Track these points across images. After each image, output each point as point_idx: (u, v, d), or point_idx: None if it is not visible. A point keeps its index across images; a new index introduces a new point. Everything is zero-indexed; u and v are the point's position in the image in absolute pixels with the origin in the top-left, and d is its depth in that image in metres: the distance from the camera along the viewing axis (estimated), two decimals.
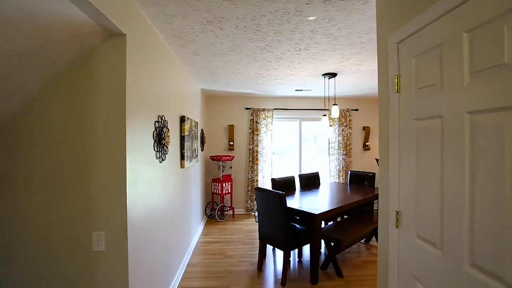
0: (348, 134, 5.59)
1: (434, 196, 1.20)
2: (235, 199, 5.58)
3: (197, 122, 4.11)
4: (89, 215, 1.59)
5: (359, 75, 3.76)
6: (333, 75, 3.66)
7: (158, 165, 2.27)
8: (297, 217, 3.52)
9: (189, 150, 3.46)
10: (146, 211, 1.96)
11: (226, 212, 5.29)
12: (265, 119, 5.55)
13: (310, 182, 4.38)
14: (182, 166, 3.13)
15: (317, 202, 3.28)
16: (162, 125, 2.32)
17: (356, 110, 5.73)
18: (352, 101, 5.71)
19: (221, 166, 5.20)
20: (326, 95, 5.22)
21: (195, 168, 4.11)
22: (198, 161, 4.37)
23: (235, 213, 5.50)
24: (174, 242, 2.79)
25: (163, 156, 2.38)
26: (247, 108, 5.58)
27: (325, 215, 2.86)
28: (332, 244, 3.06)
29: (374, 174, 4.34)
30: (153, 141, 2.14)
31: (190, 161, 3.49)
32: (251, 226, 4.81)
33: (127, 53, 1.63)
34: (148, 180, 2.03)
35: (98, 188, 1.59)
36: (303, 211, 2.84)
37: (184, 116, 3.15)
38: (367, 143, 5.70)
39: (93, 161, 1.59)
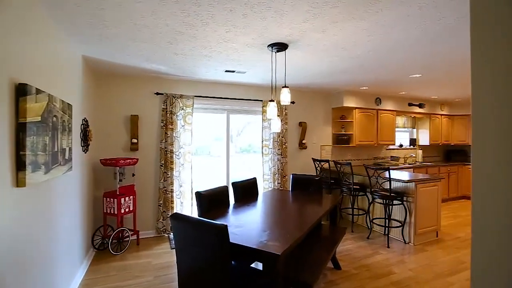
0: (284, 131, 4.80)
1: None
2: (140, 219, 4.02)
3: (71, 105, 2.48)
4: None
5: (316, 51, 2.90)
6: (283, 47, 2.70)
7: None
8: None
9: (46, 151, 1.88)
10: None
11: (127, 239, 3.71)
12: (183, 109, 4.20)
13: (248, 192, 3.31)
14: (19, 182, 1.57)
15: (266, 227, 2.23)
16: None
17: (293, 103, 5.00)
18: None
19: (119, 173, 3.60)
20: (273, 78, 4.28)
21: (65, 181, 2.47)
22: (74, 168, 2.72)
23: (140, 238, 3.95)
24: None
25: None
26: (158, 93, 4.11)
27: (288, 250, 1.84)
28: None
29: (320, 177, 3.62)
30: None
31: (47, 171, 1.91)
32: (165, 257, 3.41)
33: None
34: None
35: None
36: (259, 250, 1.74)
37: (26, 85, 1.59)
38: (303, 141, 5.04)
39: None
